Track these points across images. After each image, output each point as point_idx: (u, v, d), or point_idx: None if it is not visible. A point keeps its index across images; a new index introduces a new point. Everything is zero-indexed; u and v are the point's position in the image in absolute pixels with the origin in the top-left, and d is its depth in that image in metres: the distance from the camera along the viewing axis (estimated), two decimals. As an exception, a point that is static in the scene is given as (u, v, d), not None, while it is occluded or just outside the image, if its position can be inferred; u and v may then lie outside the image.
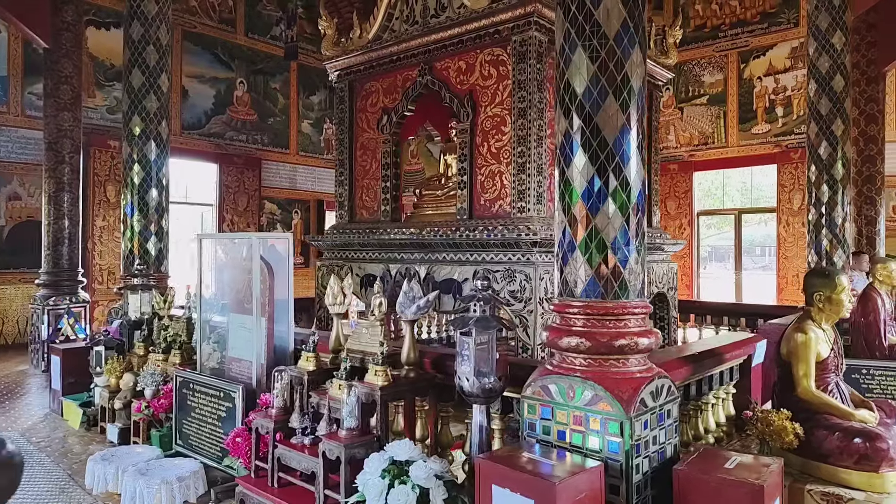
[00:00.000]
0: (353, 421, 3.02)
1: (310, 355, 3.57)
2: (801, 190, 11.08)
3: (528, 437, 2.86)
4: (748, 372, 4.25)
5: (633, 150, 2.76)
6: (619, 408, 2.58)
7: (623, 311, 2.73)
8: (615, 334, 2.70)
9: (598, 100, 2.73)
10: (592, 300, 2.74)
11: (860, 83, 8.19)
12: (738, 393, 4.16)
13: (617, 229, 2.73)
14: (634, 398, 2.59)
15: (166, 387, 4.50)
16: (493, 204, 5.14)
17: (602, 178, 2.72)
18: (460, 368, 2.90)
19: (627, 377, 2.68)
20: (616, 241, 2.73)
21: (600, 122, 2.73)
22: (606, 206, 2.72)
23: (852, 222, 6.93)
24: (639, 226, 2.79)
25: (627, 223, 2.75)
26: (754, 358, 4.25)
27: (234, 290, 4.43)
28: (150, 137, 6.21)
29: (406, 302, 3.31)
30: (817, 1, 6.53)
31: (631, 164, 2.75)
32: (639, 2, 2.79)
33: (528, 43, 4.87)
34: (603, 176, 2.72)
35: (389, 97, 6.00)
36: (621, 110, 2.73)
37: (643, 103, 2.82)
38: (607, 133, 2.72)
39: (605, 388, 2.62)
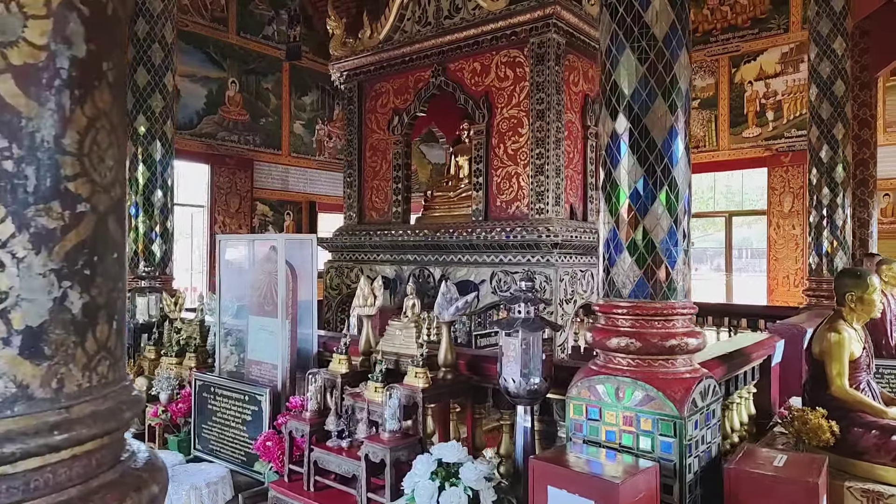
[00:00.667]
0: (395, 423, 2.99)
1: (342, 357, 3.53)
2: (791, 193, 11.28)
3: (574, 437, 2.86)
4: (768, 371, 4.31)
5: (680, 151, 2.78)
6: (672, 408, 2.59)
7: (671, 311, 2.75)
8: (665, 335, 2.72)
9: (647, 101, 2.74)
10: (641, 301, 2.75)
11: (854, 88, 8.35)
12: (758, 392, 4.22)
13: (665, 230, 2.74)
14: (686, 398, 2.61)
15: (183, 391, 4.42)
16: (509, 205, 5.14)
17: (651, 179, 2.74)
18: (506, 369, 2.89)
19: (678, 377, 2.69)
20: (665, 241, 2.75)
21: (649, 124, 2.74)
22: (655, 207, 2.74)
23: (852, 224, 7.06)
24: (686, 227, 2.81)
25: (676, 224, 2.77)
26: (774, 357, 4.31)
27: (254, 291, 4.37)
28: (156, 137, 6.09)
29: (444, 303, 3.29)
30: (818, 7, 6.65)
31: (679, 166, 2.77)
32: (686, 4, 2.81)
33: (546, 45, 4.89)
34: (652, 177, 2.74)
35: (400, 98, 5.98)
36: (670, 112, 2.75)
37: (689, 105, 2.85)
38: (656, 134, 2.74)
39: (657, 389, 2.63)
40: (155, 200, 6.10)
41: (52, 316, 0.84)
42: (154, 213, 6.09)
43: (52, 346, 0.84)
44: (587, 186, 5.32)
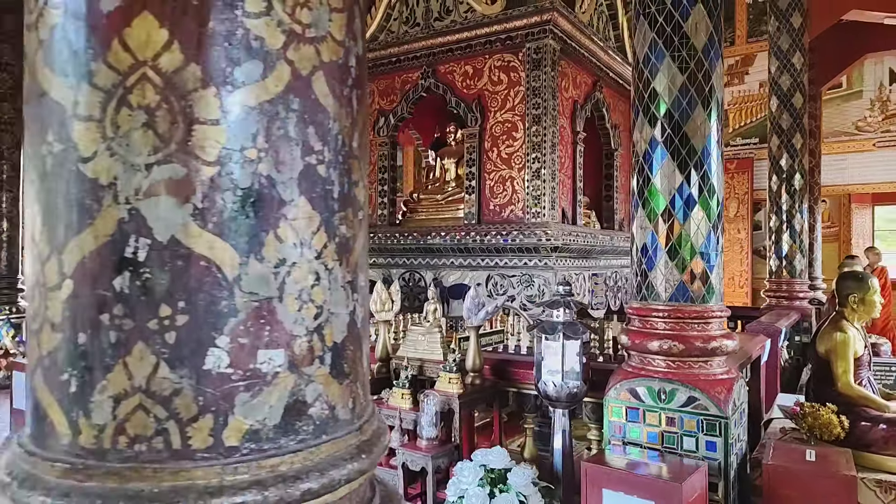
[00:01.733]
0: (433, 430, 2.94)
1: (363, 364, 3.44)
2: (736, 198, 11.87)
3: (613, 440, 2.90)
4: (757, 370, 4.52)
5: (716, 158, 2.87)
6: (717, 408, 2.67)
7: (710, 314, 2.84)
8: (705, 337, 2.80)
9: (688, 109, 2.82)
10: (682, 304, 2.83)
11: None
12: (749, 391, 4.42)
13: (704, 235, 2.83)
14: (729, 398, 2.69)
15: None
16: (503, 209, 5.16)
17: (690, 185, 2.81)
18: (546, 373, 2.90)
19: (717, 379, 2.78)
20: (704, 246, 2.83)
21: (689, 131, 2.82)
22: (696, 212, 2.82)
23: (808, 229, 7.50)
24: (721, 232, 2.90)
25: (714, 229, 2.86)
26: (763, 357, 4.52)
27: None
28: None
29: (473, 308, 3.26)
30: (779, 24, 7.04)
31: (715, 172, 2.87)
32: (721, 17, 2.91)
33: (543, 50, 4.94)
34: (691, 183, 2.81)
35: (386, 99, 5.90)
36: (708, 119, 2.84)
37: (722, 113, 2.95)
38: (696, 141, 2.82)
39: (702, 390, 2.70)
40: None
41: (349, 331, 0.77)
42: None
43: (349, 363, 0.78)
44: (576, 191, 5.41)
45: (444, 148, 6.13)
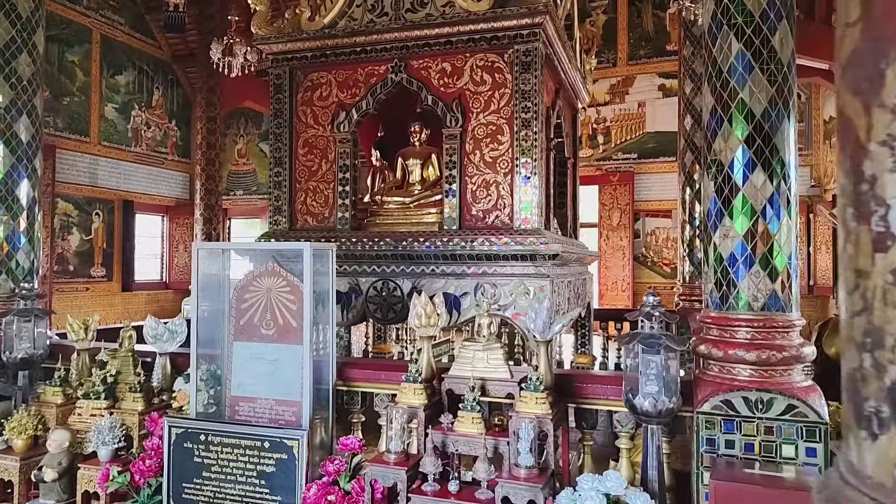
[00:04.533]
0: (530, 458, 2.67)
1: (417, 387, 3.06)
2: (618, 209, 12.77)
3: (707, 453, 2.85)
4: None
5: (794, 168, 2.95)
6: (816, 415, 2.73)
7: (791, 324, 2.90)
8: (789, 346, 2.86)
9: (776, 122, 2.87)
10: (774, 313, 2.85)
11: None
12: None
13: (792, 245, 2.89)
14: (823, 404, 2.77)
15: (148, 443, 3.42)
16: (487, 214, 4.96)
17: (781, 195, 2.87)
18: (644, 389, 2.77)
19: (806, 386, 2.84)
20: (791, 256, 2.89)
21: (779, 143, 2.87)
22: (785, 222, 2.87)
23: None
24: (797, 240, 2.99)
25: (795, 239, 2.93)
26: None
27: (244, 312, 3.57)
28: (23, 111, 4.65)
29: (541, 320, 3.04)
30: (693, 48, 7.65)
31: (794, 183, 2.94)
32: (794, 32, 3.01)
33: (533, 53, 4.83)
34: (781, 193, 2.86)
35: (347, 92, 5.41)
36: (792, 131, 2.91)
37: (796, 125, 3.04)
38: (783, 153, 2.88)
39: (798, 398, 2.75)
40: (20, 193, 4.65)
41: None
42: (19, 211, 4.65)
43: None
44: (550, 198, 5.37)
45: (408, 148, 5.77)
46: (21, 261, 4.64)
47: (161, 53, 12.87)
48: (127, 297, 12.13)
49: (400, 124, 6.15)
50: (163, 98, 13.00)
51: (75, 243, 10.98)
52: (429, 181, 5.67)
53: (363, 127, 5.94)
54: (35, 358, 4.17)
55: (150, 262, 13.19)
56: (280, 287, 3.51)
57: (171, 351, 3.95)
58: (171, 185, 13.31)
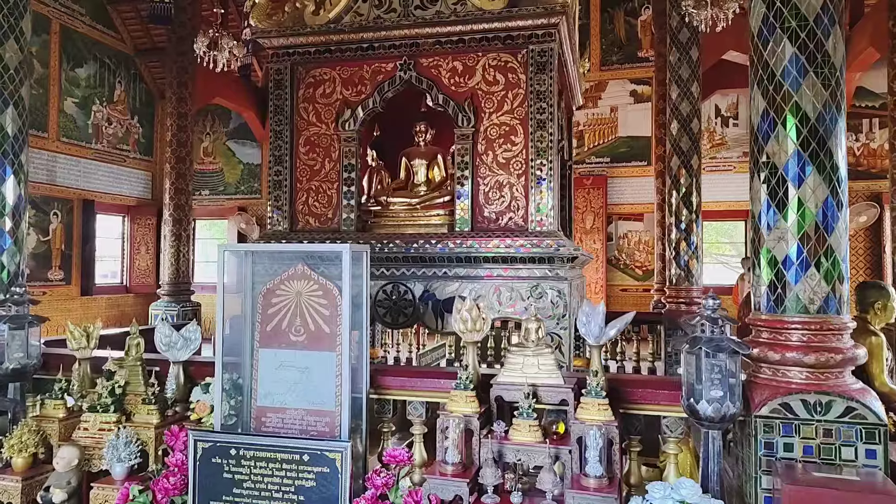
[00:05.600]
0: (599, 467, 2.60)
1: (469, 395, 2.94)
2: (592, 212, 12.92)
3: (766, 457, 2.84)
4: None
5: (845, 172, 2.98)
6: (874, 416, 2.75)
7: (845, 326, 2.92)
8: (842, 349, 2.88)
9: (830, 125, 2.89)
10: (829, 315, 2.87)
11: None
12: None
13: (844, 247, 2.92)
14: (880, 406, 2.79)
15: (172, 459, 3.18)
16: (500, 216, 4.88)
17: (835, 198, 2.89)
18: (708, 394, 2.74)
19: (859, 388, 2.87)
20: (844, 258, 2.92)
21: (832, 146, 2.89)
22: (839, 224, 2.89)
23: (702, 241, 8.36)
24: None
25: (846, 241, 2.96)
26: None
27: (271, 317, 3.38)
28: (9, 102, 4.29)
29: (596, 325, 2.97)
30: (679, 54, 7.78)
31: (844, 185, 2.98)
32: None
33: (548, 54, 4.79)
34: (835, 196, 2.89)
35: (352, 89, 5.24)
36: (843, 135, 2.94)
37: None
38: (837, 157, 2.90)
39: (856, 400, 2.76)
40: (6, 191, 4.31)
41: None
42: (4, 209, 4.30)
43: None
44: (562, 200, 5.34)
45: (412, 148, 5.64)
46: (6, 263, 4.29)
47: (123, 47, 12.29)
48: (86, 302, 11.51)
49: (395, 124, 6.02)
50: (125, 93, 12.41)
51: (32, 245, 10.34)
52: (434, 182, 5.56)
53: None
54: (28, 368, 3.85)
55: (109, 265, 12.56)
56: (311, 291, 3.33)
57: (185, 359, 3.71)
58: (132, 185, 12.72)
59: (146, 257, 12.86)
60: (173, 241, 9.82)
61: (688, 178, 7.78)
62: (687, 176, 7.79)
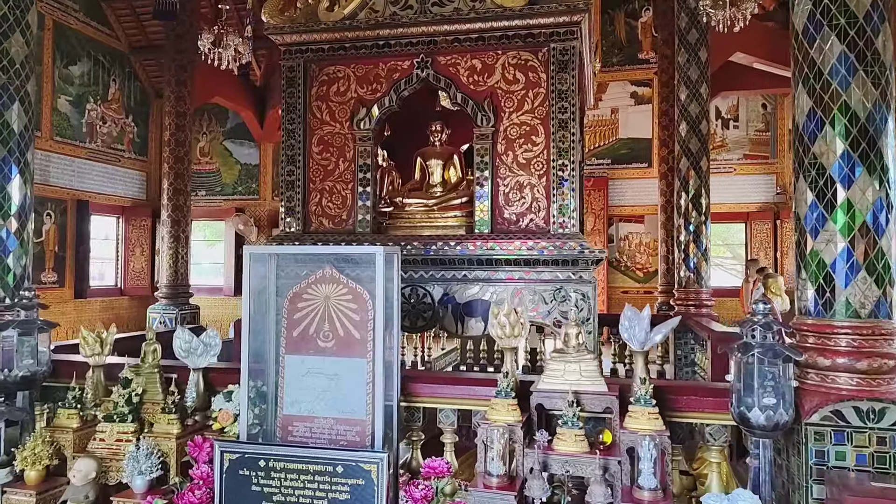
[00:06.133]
0: (654, 479, 2.50)
1: (511, 403, 2.83)
2: (593, 213, 12.86)
3: (817, 466, 2.76)
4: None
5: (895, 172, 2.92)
6: (929, 424, 2.67)
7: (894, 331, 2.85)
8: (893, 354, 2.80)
9: (881, 124, 2.82)
10: (880, 320, 2.80)
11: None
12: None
13: (894, 250, 2.85)
14: (934, 413, 2.72)
15: (196, 471, 3.04)
16: (521, 218, 4.78)
17: (885, 199, 2.82)
18: (761, 401, 2.65)
19: (911, 393, 2.80)
20: (893, 261, 2.84)
21: (882, 146, 2.82)
22: (890, 227, 2.82)
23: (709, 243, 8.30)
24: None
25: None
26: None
27: (297, 322, 3.26)
28: (15, 97, 4.13)
29: (642, 331, 2.88)
30: (688, 55, 7.72)
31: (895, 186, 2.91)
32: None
33: (570, 52, 4.70)
34: (886, 197, 2.82)
35: (367, 87, 5.12)
36: (894, 134, 2.87)
37: (892, 132, 3.01)
38: (887, 156, 2.83)
39: (910, 406, 2.69)
40: (11, 191, 4.15)
41: None
42: (10, 210, 4.14)
43: None
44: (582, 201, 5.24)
45: (427, 148, 5.53)
46: (12, 266, 4.12)
47: (118, 44, 12.07)
48: (80, 305, 11.27)
49: (406, 124, 5.90)
50: (119, 92, 12.19)
51: (25, 246, 10.08)
52: (450, 183, 5.45)
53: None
54: (38, 376, 3.69)
55: (103, 267, 12.32)
56: (340, 295, 3.21)
57: (205, 366, 3.57)
58: (127, 185, 12.49)
59: (141, 259, 12.63)
60: (171, 243, 9.63)
61: (697, 179, 7.73)
62: (696, 178, 7.73)
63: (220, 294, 12.91)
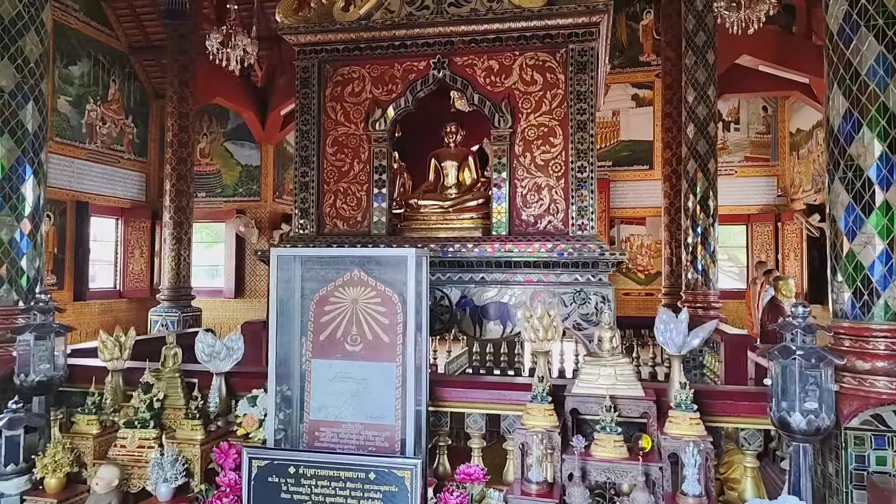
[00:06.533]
0: (698, 486, 2.47)
1: (547, 408, 2.79)
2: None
3: (857, 471, 2.73)
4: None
5: (932, 176, 2.90)
6: (971, 428, 2.65)
7: (934, 333, 2.83)
8: (934, 357, 2.78)
9: (925, 125, 2.80)
10: (922, 324, 2.77)
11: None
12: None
13: (933, 253, 2.82)
14: (975, 417, 2.70)
15: (224, 478, 2.98)
16: (539, 220, 4.75)
17: (925, 202, 2.79)
18: (803, 405, 2.62)
19: (951, 397, 2.77)
20: (933, 264, 2.82)
21: (922, 149, 2.79)
22: (930, 230, 2.80)
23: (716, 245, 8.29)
24: (933, 249, 2.93)
25: (935, 247, 2.87)
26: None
27: (324, 326, 3.20)
28: (31, 97, 4.06)
29: (681, 335, 2.84)
30: (696, 57, 7.72)
31: (932, 191, 2.88)
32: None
33: (588, 53, 4.67)
34: (926, 200, 2.79)
35: (383, 88, 5.07)
36: (938, 137, 2.85)
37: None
38: (928, 159, 2.81)
39: (951, 410, 2.67)
40: (25, 192, 4.07)
41: None
42: (24, 211, 4.06)
43: None
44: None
45: (442, 149, 5.48)
46: (26, 268, 4.04)
47: (118, 44, 11.96)
48: (79, 307, 11.14)
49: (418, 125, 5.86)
50: (119, 92, 12.07)
51: (24, 248, 9.95)
52: (465, 184, 5.40)
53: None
54: (54, 381, 3.61)
55: (101, 269, 12.19)
56: (368, 298, 3.16)
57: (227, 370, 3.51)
58: (126, 186, 12.37)
59: (140, 261, 12.51)
60: (174, 245, 9.55)
61: (705, 181, 7.72)
62: (704, 180, 7.73)
63: (219, 296, 12.80)
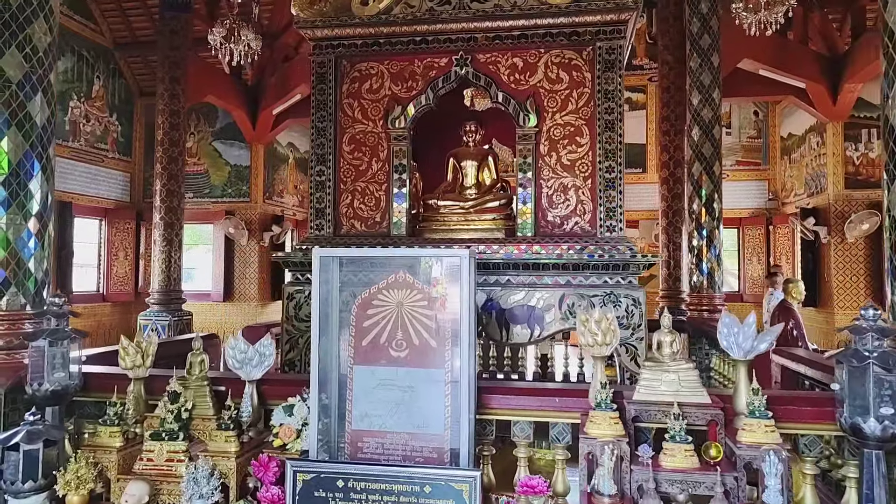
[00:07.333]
0: (781, 498, 2.37)
1: (612, 416, 2.67)
2: (588, 218, 12.80)
3: (924, 477, 2.66)
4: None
5: None
6: None
7: None
8: None
9: None
10: None
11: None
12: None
13: None
14: None
15: (265, 493, 2.80)
16: (565, 221, 4.64)
17: None
18: (877, 411, 2.54)
19: None
20: None
21: None
22: None
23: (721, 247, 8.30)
24: None
25: None
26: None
27: (367, 330, 3.04)
28: (39, 88, 3.82)
29: (749, 340, 2.75)
30: (701, 60, 7.72)
31: None
32: None
33: (616, 51, 4.59)
34: None
35: (402, 85, 4.92)
36: None
37: None
38: None
39: None
40: (33, 190, 3.83)
41: None
42: (31, 209, 3.82)
43: None
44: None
45: (461, 149, 5.35)
46: (34, 270, 3.79)
47: (102, 40, 11.57)
48: (61, 311, 10.70)
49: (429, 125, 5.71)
50: (103, 89, 11.68)
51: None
52: (484, 184, 5.28)
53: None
54: (69, 390, 3.38)
55: (85, 272, 11.77)
56: (414, 300, 3.01)
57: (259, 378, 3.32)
58: (110, 186, 11.97)
59: (125, 264, 12.12)
60: (164, 247, 9.24)
61: (710, 184, 7.72)
62: (709, 182, 7.72)
63: (207, 300, 12.44)
